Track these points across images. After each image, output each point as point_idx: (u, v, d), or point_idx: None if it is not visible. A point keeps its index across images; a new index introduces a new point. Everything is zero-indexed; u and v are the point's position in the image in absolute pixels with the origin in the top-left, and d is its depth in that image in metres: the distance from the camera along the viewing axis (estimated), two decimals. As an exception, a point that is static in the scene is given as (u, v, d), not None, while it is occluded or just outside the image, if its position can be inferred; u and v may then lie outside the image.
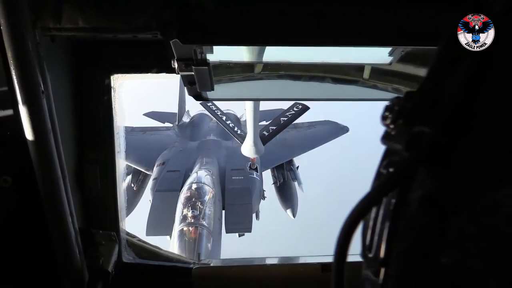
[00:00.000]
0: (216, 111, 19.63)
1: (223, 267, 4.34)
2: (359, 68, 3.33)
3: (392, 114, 1.17)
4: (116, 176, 3.67)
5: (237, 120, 21.95)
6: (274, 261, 4.21)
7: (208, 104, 18.67)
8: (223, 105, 20.72)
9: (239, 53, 3.03)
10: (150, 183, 18.26)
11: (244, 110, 18.98)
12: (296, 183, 19.85)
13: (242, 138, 19.02)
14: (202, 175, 16.65)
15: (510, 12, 1.12)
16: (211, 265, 4.26)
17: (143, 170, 19.37)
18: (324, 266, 3.92)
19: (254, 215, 17.70)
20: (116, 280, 3.39)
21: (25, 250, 2.99)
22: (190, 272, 3.89)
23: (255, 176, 17.75)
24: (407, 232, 1.12)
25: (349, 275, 1.13)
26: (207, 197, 15.43)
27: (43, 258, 2.92)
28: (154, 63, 3.37)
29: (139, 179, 19.54)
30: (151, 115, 24.97)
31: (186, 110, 24.49)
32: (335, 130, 21.87)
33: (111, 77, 3.43)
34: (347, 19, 2.30)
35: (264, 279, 3.96)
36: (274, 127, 17.93)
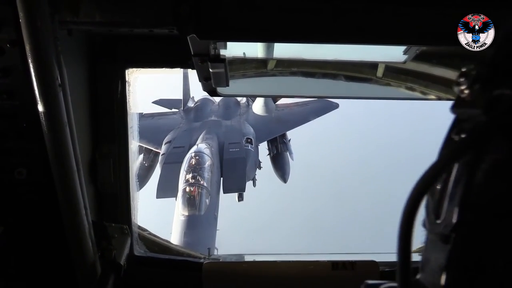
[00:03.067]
0: None
1: (234, 262, 4.34)
2: (373, 66, 3.31)
3: (467, 80, 1.14)
4: (129, 169, 3.69)
5: None
6: (285, 258, 4.21)
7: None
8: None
9: (253, 49, 3.03)
10: (159, 159, 21.44)
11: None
12: (287, 153, 23.03)
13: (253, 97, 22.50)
14: (202, 147, 20.09)
15: None
16: (222, 260, 4.27)
17: (153, 149, 22.29)
18: (334, 264, 3.91)
19: (251, 182, 21.48)
20: (128, 273, 3.41)
21: (38, 242, 3.02)
22: (201, 267, 3.90)
23: (249, 148, 20.96)
24: (481, 196, 1.11)
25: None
26: (206, 164, 18.87)
27: (57, 250, 2.94)
28: (169, 58, 3.38)
29: (149, 157, 22.47)
30: (160, 102, 27.45)
31: (191, 96, 26.78)
32: (326, 106, 24.21)
33: (126, 71, 3.45)
34: (365, 17, 2.29)
35: (274, 276, 3.96)
36: None
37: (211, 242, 16.97)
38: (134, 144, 3.72)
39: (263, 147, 23.32)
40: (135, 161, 3.82)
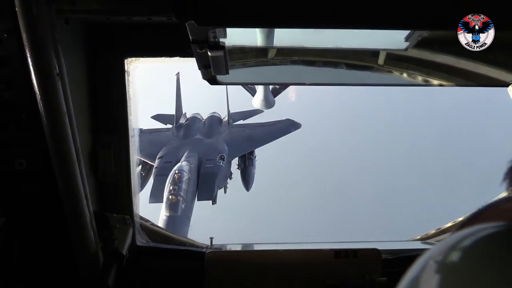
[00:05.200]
0: None
1: (236, 251, 4.35)
2: (374, 53, 3.29)
3: None
4: (130, 160, 3.67)
5: None
6: (287, 247, 4.21)
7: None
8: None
9: (253, 38, 3.00)
10: (153, 171, 27.22)
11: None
12: (252, 168, 28.47)
13: (253, 91, 26.32)
14: (183, 165, 26.05)
15: None
16: (224, 249, 4.28)
17: (149, 162, 27.82)
18: (336, 252, 3.92)
19: (222, 190, 27.62)
20: (130, 263, 3.42)
21: (40, 232, 3.02)
22: (203, 256, 3.91)
23: (221, 164, 26.71)
24: None
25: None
26: (184, 179, 25.03)
27: (58, 240, 2.94)
28: (168, 46, 3.35)
29: (146, 168, 27.95)
30: (157, 117, 32.42)
31: (184, 113, 31.69)
32: (290, 126, 29.54)
33: (125, 60, 3.42)
34: (365, 1, 2.25)
35: (277, 264, 3.97)
36: None
37: (185, 233, 22.69)
38: (135, 133, 3.70)
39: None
40: (136, 151, 3.80)
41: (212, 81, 2.97)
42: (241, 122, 30.46)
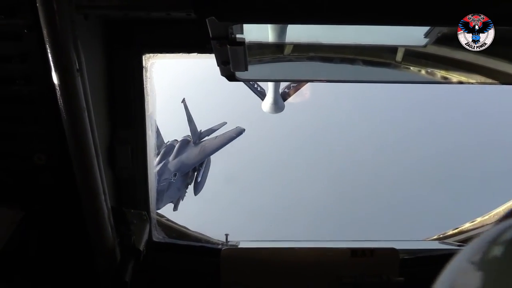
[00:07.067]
0: None
1: (252, 248, 4.34)
2: (392, 50, 3.24)
3: None
4: (147, 156, 3.68)
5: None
6: (303, 245, 4.20)
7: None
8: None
9: (269, 33, 2.98)
10: None
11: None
12: (199, 177, 30.39)
13: (262, 95, 26.31)
14: None
15: None
16: (239, 246, 4.27)
17: None
18: (353, 250, 3.89)
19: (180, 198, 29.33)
20: (147, 258, 3.43)
21: (58, 227, 3.04)
22: (219, 253, 3.91)
23: (172, 180, 28.74)
24: None
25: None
26: None
27: (76, 235, 2.96)
28: (186, 42, 3.34)
29: None
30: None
31: (166, 142, 32.48)
32: (236, 133, 31.01)
33: (143, 56, 3.42)
34: None
35: (293, 262, 3.95)
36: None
37: None
38: (153, 130, 3.70)
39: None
40: (154, 147, 3.81)
41: (231, 77, 2.95)
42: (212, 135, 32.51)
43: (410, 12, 2.25)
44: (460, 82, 3.33)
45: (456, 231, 4.78)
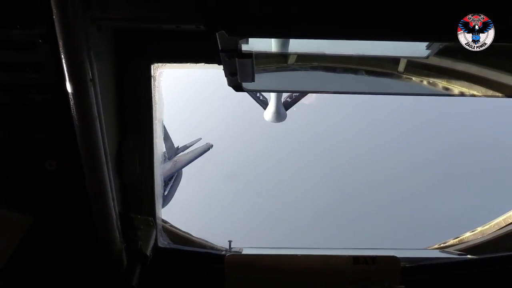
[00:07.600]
0: None
1: (255, 255, 4.38)
2: (394, 61, 3.30)
3: None
4: (154, 163, 3.74)
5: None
6: (306, 252, 4.24)
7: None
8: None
9: (272, 44, 3.04)
10: None
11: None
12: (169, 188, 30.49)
13: (265, 104, 25.81)
14: None
15: None
16: (243, 253, 4.32)
17: None
18: (355, 258, 3.93)
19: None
20: (152, 264, 3.48)
21: (67, 232, 3.11)
22: (223, 259, 3.96)
23: None
24: None
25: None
26: None
27: (84, 240, 3.02)
28: (195, 53, 3.40)
29: None
30: None
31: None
32: (206, 148, 32.35)
33: (152, 66, 3.49)
34: (387, 12, 2.26)
35: (296, 269, 4.00)
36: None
37: None
38: (159, 137, 3.76)
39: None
40: (160, 155, 3.87)
41: (238, 88, 3.02)
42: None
43: (411, 28, 2.31)
44: (462, 94, 3.37)
45: (456, 240, 4.81)
